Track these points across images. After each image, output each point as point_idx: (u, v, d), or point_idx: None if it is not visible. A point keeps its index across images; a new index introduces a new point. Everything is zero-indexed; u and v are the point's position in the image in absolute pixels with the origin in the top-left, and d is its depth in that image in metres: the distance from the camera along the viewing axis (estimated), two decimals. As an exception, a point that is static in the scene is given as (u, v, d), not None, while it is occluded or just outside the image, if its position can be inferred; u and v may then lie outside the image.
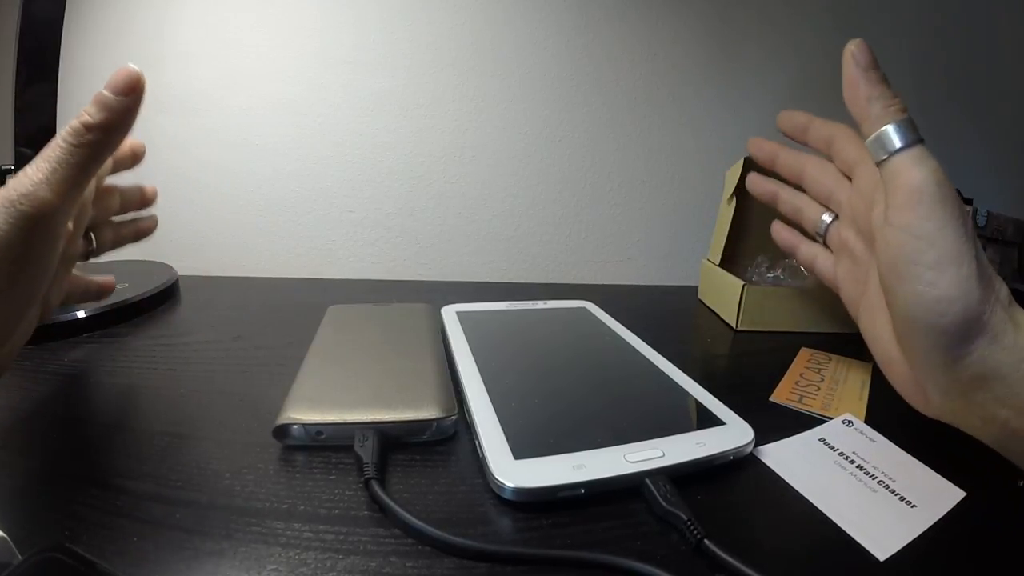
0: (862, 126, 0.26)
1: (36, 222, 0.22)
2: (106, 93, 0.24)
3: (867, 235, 0.30)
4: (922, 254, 0.23)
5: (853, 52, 0.26)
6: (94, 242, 0.33)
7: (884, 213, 0.25)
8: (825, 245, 0.35)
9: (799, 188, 0.37)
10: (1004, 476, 0.26)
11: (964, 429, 0.25)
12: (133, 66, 0.24)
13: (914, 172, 0.23)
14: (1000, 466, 0.25)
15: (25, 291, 0.24)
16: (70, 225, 0.26)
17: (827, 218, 0.34)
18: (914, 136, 0.24)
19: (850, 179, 0.32)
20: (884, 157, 0.24)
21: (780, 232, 0.39)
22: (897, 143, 0.24)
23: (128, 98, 0.24)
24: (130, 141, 0.34)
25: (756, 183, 0.40)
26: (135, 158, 0.35)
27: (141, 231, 0.38)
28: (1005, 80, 0.73)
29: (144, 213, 0.38)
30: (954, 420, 0.25)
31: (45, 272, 0.25)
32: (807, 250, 0.37)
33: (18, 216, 0.22)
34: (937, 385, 0.24)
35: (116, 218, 0.36)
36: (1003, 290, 0.23)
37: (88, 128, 0.23)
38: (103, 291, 0.35)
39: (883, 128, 0.25)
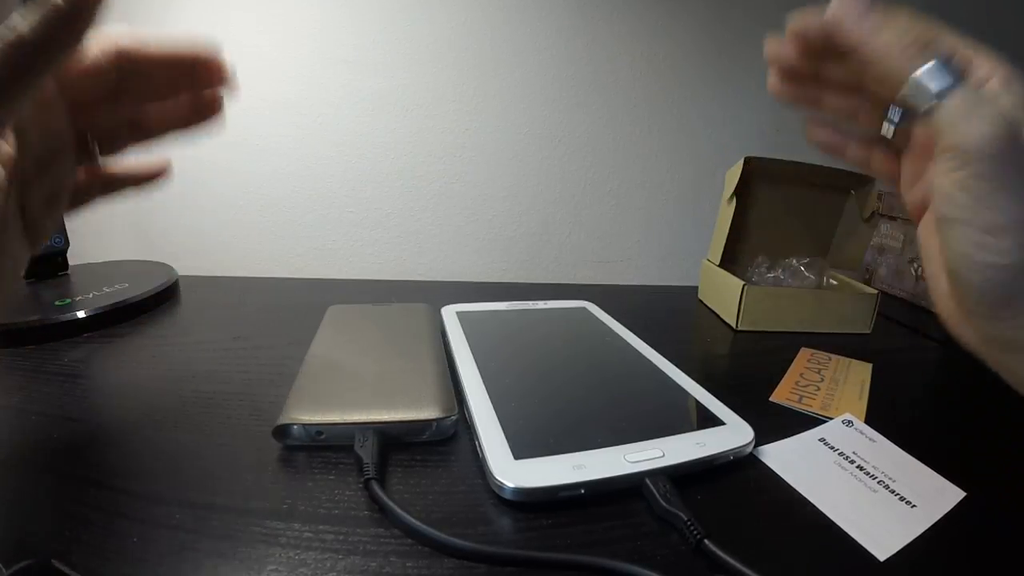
0: (884, 72, 0.20)
1: None
2: None
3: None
4: (974, 215, 0.20)
5: None
6: (97, 151, 0.24)
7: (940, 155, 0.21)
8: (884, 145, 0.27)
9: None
10: (1004, 476, 0.26)
11: (998, 373, 0.23)
12: None
13: (967, 127, 0.19)
14: (1000, 466, 0.25)
15: None
16: (8, 148, 0.18)
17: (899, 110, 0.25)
18: (955, 72, 0.19)
19: None
20: (926, 107, 0.20)
21: (819, 133, 0.29)
22: (934, 85, 0.19)
23: None
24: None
25: (780, 90, 0.28)
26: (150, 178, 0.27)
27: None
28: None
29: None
30: (988, 362, 0.23)
31: None
32: (857, 151, 0.28)
33: None
34: (977, 331, 0.22)
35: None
36: None
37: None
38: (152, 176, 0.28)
39: (912, 76, 0.20)
